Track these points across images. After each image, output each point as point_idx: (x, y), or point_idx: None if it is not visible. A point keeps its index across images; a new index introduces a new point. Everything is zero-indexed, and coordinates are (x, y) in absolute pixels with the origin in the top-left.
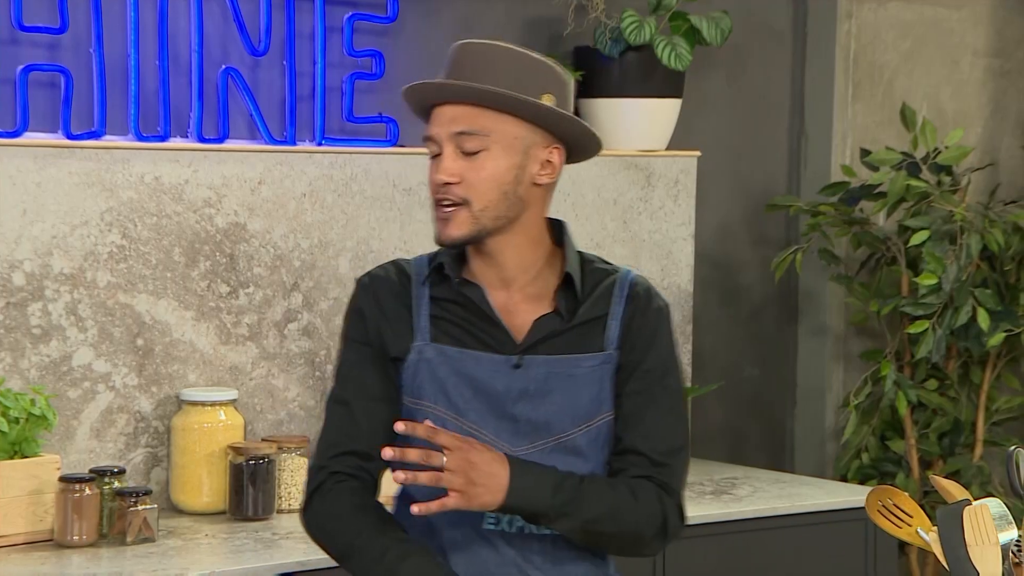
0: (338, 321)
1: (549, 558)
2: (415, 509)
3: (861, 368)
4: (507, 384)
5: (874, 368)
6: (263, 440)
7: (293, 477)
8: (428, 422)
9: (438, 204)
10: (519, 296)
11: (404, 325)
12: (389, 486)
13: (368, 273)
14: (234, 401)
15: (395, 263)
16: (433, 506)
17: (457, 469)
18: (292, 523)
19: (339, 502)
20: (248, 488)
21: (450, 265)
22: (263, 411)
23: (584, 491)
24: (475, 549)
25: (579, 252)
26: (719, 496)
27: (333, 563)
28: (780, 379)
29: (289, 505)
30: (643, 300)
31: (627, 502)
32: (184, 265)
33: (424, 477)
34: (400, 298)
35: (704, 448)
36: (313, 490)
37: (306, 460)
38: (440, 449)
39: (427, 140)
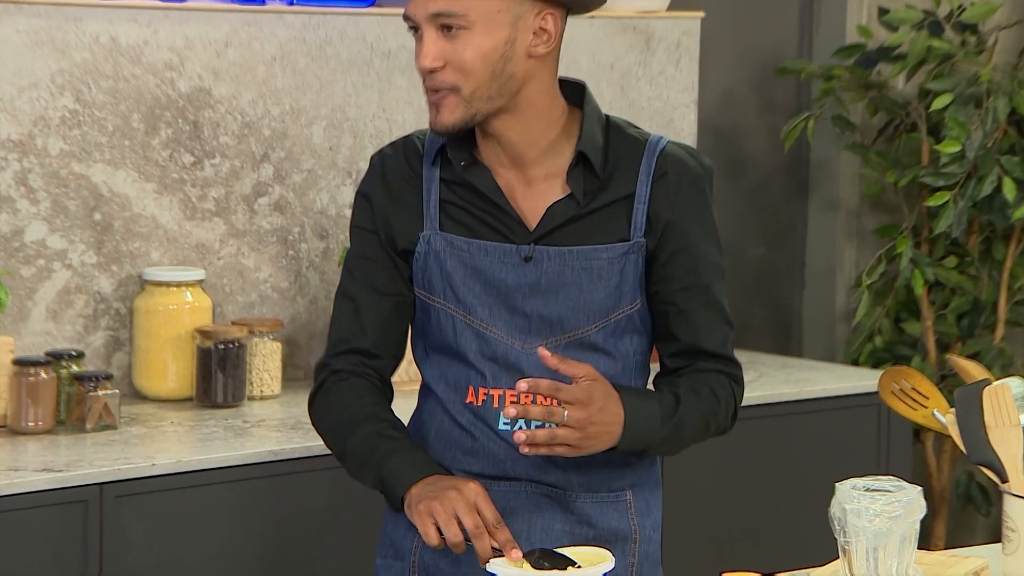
0: (312, 196)
1: (572, 460)
2: (520, 437)
3: (875, 245)
4: (517, 278)
5: (889, 245)
6: (233, 323)
7: (265, 363)
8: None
9: (427, 90)
10: (533, 175)
11: (413, 212)
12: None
13: (380, 151)
14: (201, 282)
15: (407, 139)
16: (540, 440)
17: (577, 426)
18: (264, 410)
19: (336, 402)
20: (217, 374)
21: (454, 145)
22: (232, 292)
23: (683, 412)
24: (493, 450)
25: (606, 117)
26: None
27: (307, 453)
28: (788, 257)
29: (261, 392)
30: (676, 174)
31: (713, 407)
32: (144, 133)
33: (536, 412)
34: (410, 181)
35: None
36: (316, 389)
37: (279, 345)
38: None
39: (406, 19)
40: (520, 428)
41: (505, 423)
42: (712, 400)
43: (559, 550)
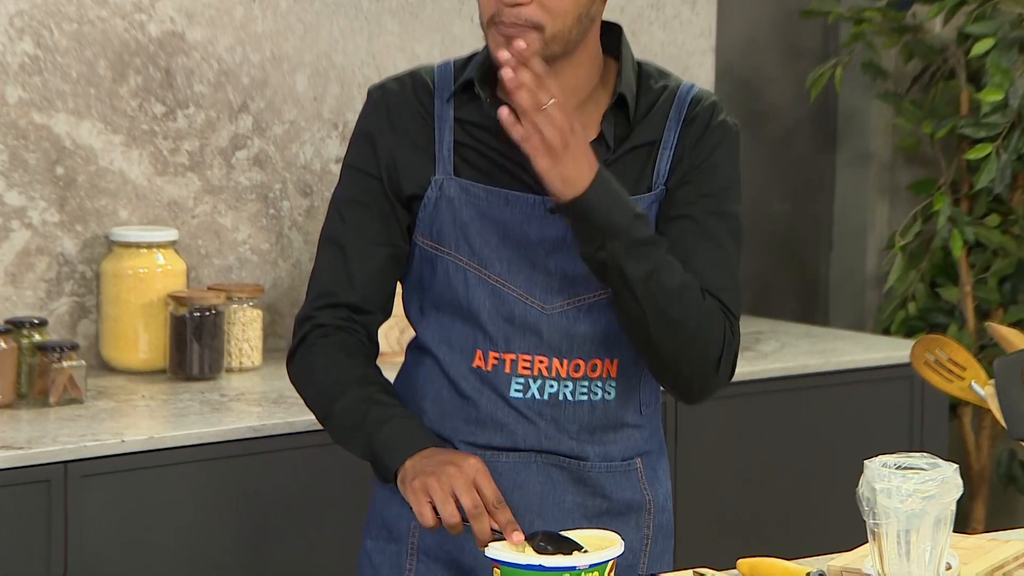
0: (295, 149)
1: (586, 428)
2: (508, 60)
3: (910, 202)
4: (540, 232)
5: (925, 202)
6: (209, 288)
7: (244, 331)
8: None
9: (498, 23)
10: None
11: (423, 153)
12: None
13: (381, 85)
14: (174, 243)
15: (415, 73)
16: (514, 126)
17: (559, 122)
18: (243, 383)
19: (322, 360)
20: (192, 344)
21: (481, 82)
22: (208, 255)
23: (662, 245)
24: (501, 419)
25: (638, 63)
26: (742, 353)
27: (289, 429)
28: (814, 217)
29: (240, 364)
30: (703, 121)
31: (697, 295)
32: (111, 80)
33: (527, 78)
34: (420, 119)
35: None
36: (297, 343)
37: (259, 312)
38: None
39: None
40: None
41: (516, 391)
42: (699, 292)
43: (564, 533)
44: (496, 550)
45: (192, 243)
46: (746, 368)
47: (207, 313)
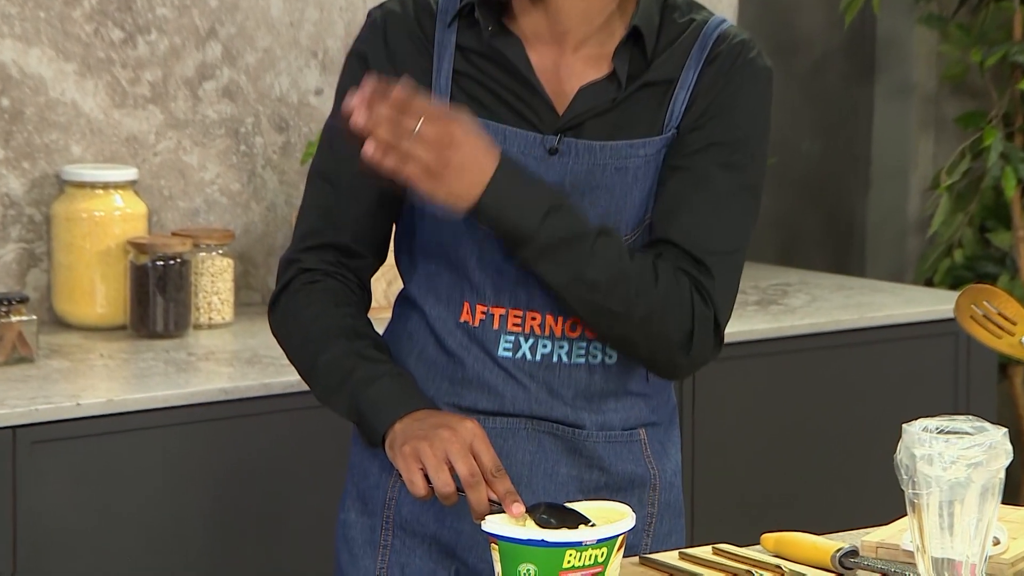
0: (269, 80)
1: (583, 393)
2: (360, 120)
3: (957, 137)
4: (538, 173)
5: (974, 137)
6: (174, 234)
7: (213, 283)
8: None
9: None
10: (573, 56)
11: (420, 81)
12: None
13: (381, 6)
14: (134, 183)
15: None
16: (384, 133)
17: (433, 140)
18: (213, 341)
19: (307, 308)
20: (155, 297)
21: (484, 8)
22: (173, 197)
23: (588, 238)
24: (488, 380)
25: None
26: (766, 307)
27: (264, 392)
28: (849, 155)
29: (209, 319)
30: (727, 60)
31: (643, 278)
32: (62, 3)
33: (384, 114)
34: (420, 44)
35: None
36: (281, 289)
37: (230, 261)
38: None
39: None
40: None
41: (506, 350)
42: (647, 274)
43: (569, 505)
44: (493, 524)
45: (154, 184)
46: (772, 324)
47: (171, 262)
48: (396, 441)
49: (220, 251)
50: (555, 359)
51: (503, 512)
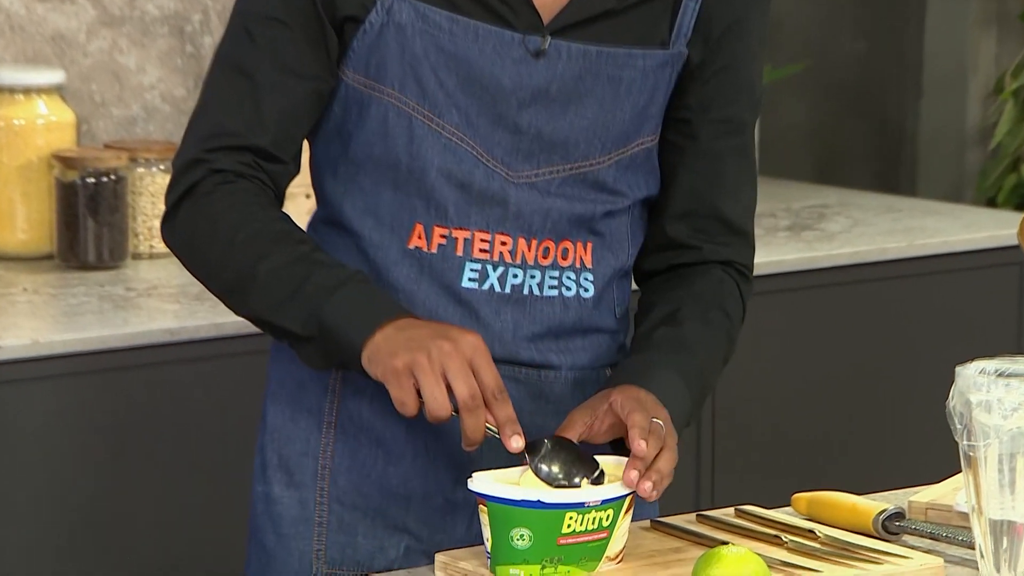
0: None
1: (553, 330)
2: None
3: (1023, 36)
4: (518, 78)
5: None
6: (107, 147)
7: (155, 205)
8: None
9: None
10: None
11: None
12: None
13: None
14: (60, 88)
15: None
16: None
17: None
18: (155, 273)
19: (228, 211)
20: (86, 220)
21: None
22: (106, 103)
23: (704, 369)
24: (444, 318)
25: None
26: (799, 233)
27: (216, 333)
28: (898, 56)
29: (151, 247)
30: None
31: (729, 336)
32: None
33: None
34: None
35: (779, 162)
36: (184, 192)
37: None
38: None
39: None
40: None
41: (471, 280)
42: (724, 324)
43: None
44: (482, 483)
45: (84, 88)
46: (806, 253)
47: (104, 179)
48: (380, 354)
49: (162, 167)
50: (525, 291)
51: (498, 438)
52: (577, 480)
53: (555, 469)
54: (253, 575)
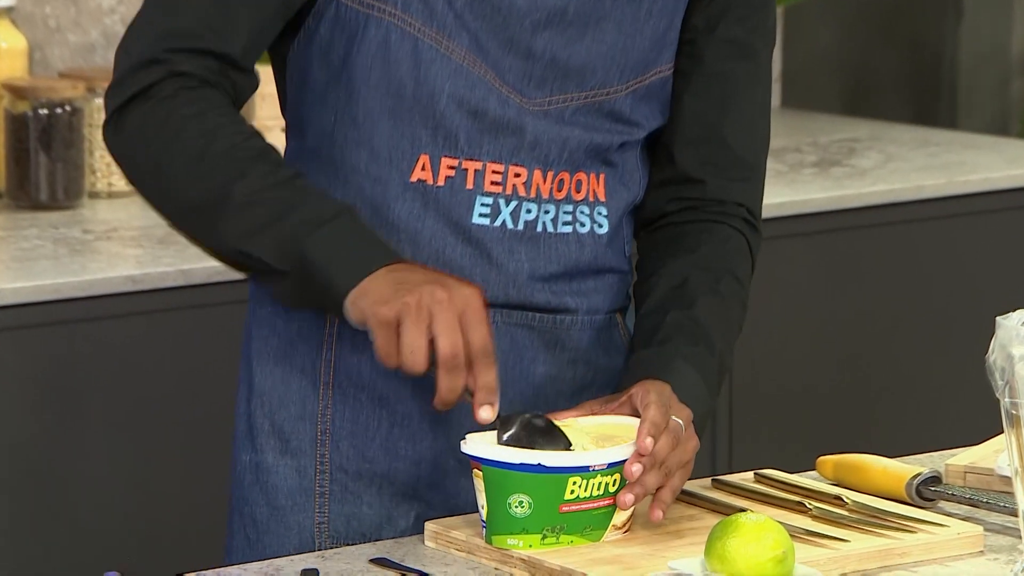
0: None
1: (568, 271)
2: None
3: None
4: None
5: None
6: (62, 76)
7: None
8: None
9: None
10: None
11: None
12: None
13: None
14: (10, 11)
15: None
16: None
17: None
18: (115, 214)
19: (196, 118)
20: (38, 156)
21: None
22: (62, 28)
23: (723, 357)
24: (451, 258)
25: None
26: (827, 170)
27: (184, 281)
28: None
29: (109, 186)
30: None
31: (738, 300)
32: None
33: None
34: None
35: (804, 93)
36: (135, 95)
37: None
38: None
39: None
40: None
41: (482, 216)
42: (740, 298)
43: (561, 420)
44: (476, 444)
45: (37, 12)
46: (834, 192)
47: (59, 111)
48: (367, 298)
49: None
50: (539, 227)
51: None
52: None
53: (520, 440)
54: (239, 550)
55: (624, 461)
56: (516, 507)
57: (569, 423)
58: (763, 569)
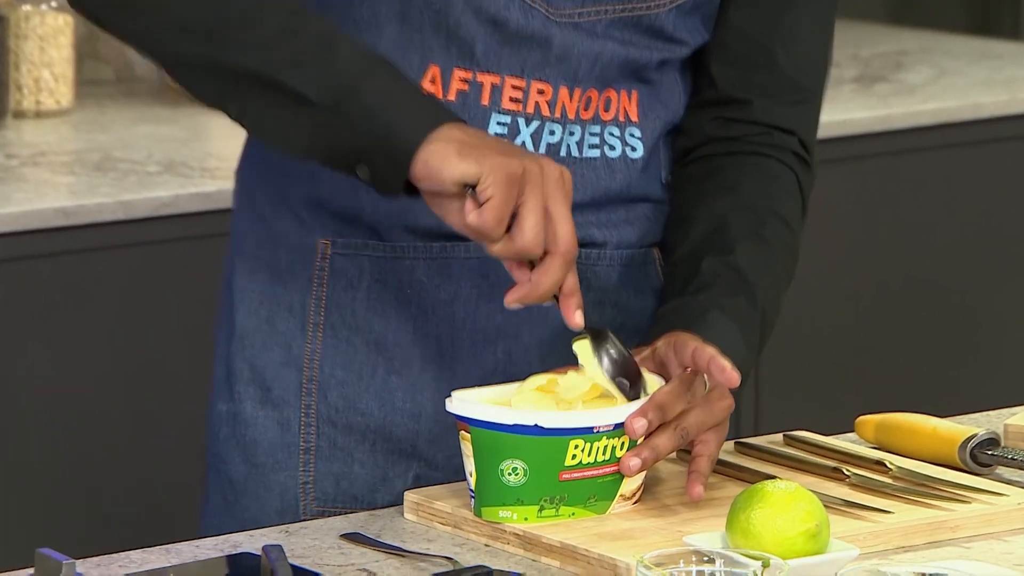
0: None
1: (595, 200)
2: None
3: None
4: None
5: None
6: None
7: (44, 50)
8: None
9: None
10: None
11: None
12: None
13: None
14: None
15: None
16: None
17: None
18: (44, 137)
19: None
20: None
21: None
22: None
23: (766, 309)
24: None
25: None
26: (870, 86)
27: (124, 215)
28: None
29: (37, 104)
30: None
31: (785, 247)
32: None
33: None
34: None
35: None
36: None
37: (68, 19)
38: None
39: None
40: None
41: (499, 135)
42: (787, 244)
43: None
44: (463, 403)
45: None
46: (879, 111)
47: None
48: (459, 136)
49: (53, 3)
50: (563, 151)
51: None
52: (637, 388)
53: (621, 366)
54: (214, 514)
55: None
56: (510, 474)
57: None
58: (793, 545)
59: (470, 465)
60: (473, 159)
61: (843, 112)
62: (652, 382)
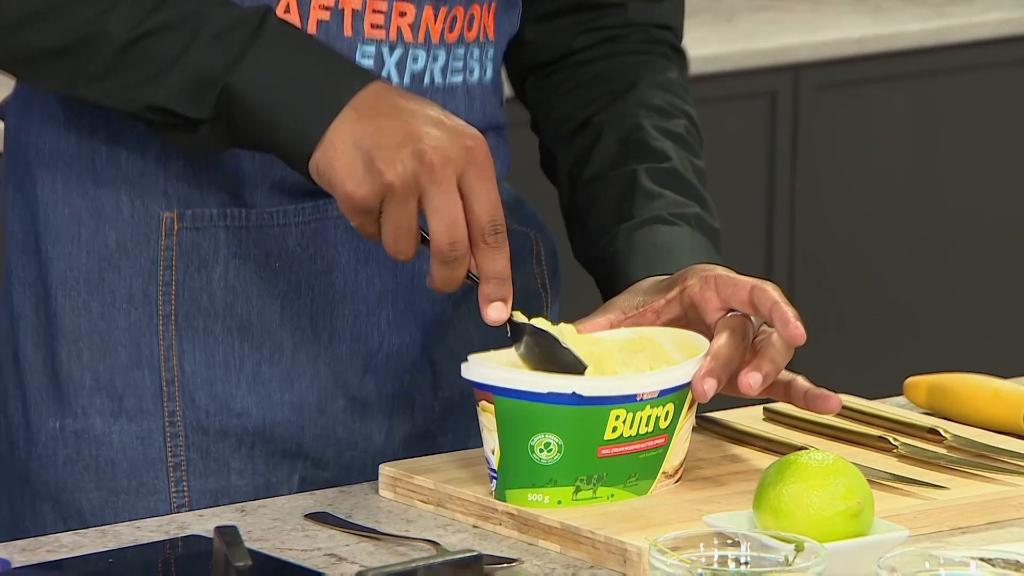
0: None
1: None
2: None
3: None
4: None
5: None
6: None
7: None
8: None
9: None
10: None
11: None
12: None
13: None
14: None
15: None
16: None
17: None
18: None
19: None
20: None
21: None
22: None
23: (712, 211)
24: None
25: None
26: (874, 11)
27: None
28: None
29: None
30: None
31: (700, 143)
32: None
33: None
34: None
35: None
36: None
37: None
38: None
39: None
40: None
41: (366, 54)
42: (699, 140)
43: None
44: (483, 367)
45: None
46: (930, 24)
47: None
48: (335, 172)
49: None
50: (426, 80)
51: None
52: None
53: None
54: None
55: (678, 388)
56: (541, 451)
57: (599, 338)
58: (831, 525)
59: (492, 441)
60: (360, 177)
61: (891, 24)
62: (562, 332)
